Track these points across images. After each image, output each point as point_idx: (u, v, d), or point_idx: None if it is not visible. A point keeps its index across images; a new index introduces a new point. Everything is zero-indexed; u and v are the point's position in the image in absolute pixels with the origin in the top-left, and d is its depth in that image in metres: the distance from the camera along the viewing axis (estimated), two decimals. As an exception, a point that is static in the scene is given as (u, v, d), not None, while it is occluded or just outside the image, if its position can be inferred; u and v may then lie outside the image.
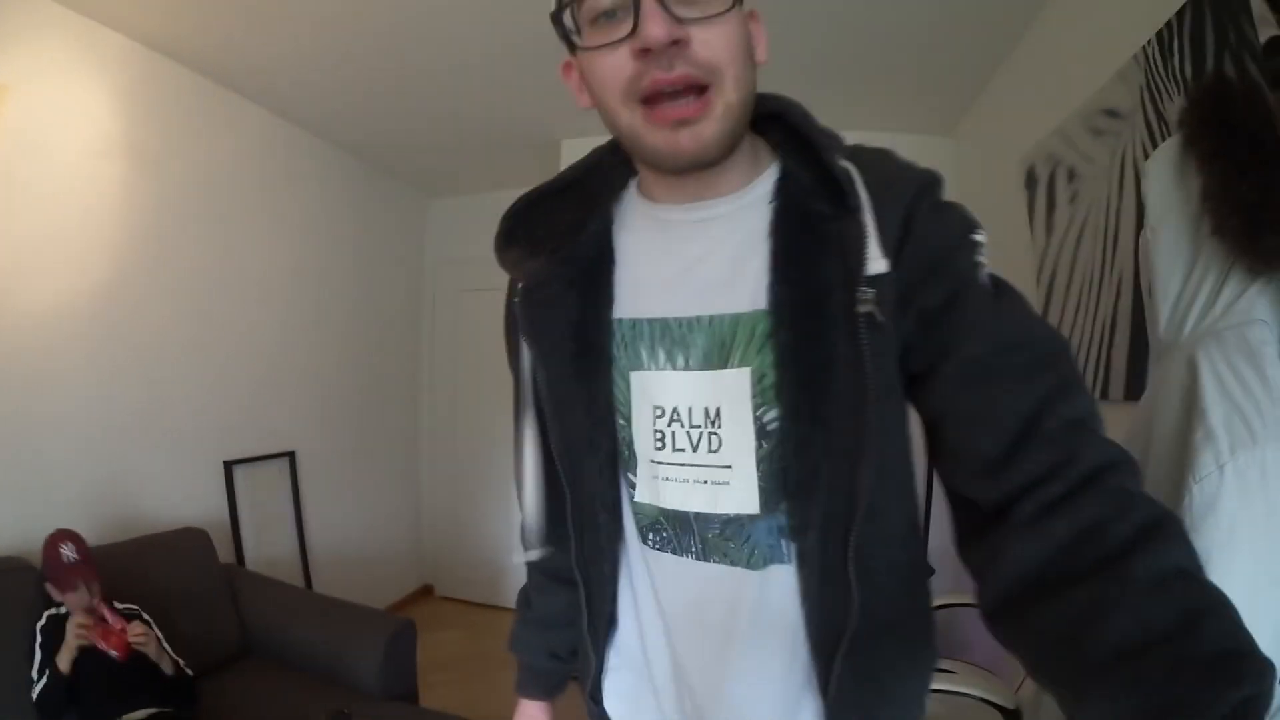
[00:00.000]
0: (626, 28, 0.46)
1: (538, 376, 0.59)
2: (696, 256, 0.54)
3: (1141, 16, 1.42)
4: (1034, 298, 2.00)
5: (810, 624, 0.51)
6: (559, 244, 0.58)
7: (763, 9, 0.56)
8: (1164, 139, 1.12)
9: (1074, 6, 1.77)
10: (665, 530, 0.55)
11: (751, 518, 0.51)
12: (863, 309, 0.47)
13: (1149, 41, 1.40)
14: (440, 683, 2.61)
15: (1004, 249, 2.31)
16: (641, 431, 0.55)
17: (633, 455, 0.56)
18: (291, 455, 2.71)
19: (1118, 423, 1.00)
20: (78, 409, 1.89)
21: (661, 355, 0.54)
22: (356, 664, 1.78)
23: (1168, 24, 1.33)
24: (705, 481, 0.52)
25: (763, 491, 0.51)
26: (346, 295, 3.09)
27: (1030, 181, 2.01)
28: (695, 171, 0.51)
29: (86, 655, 1.42)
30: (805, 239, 0.50)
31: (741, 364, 0.51)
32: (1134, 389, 1.46)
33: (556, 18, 0.50)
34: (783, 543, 0.52)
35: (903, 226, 0.49)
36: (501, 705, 2.69)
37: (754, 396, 0.51)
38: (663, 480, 0.54)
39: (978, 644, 2.31)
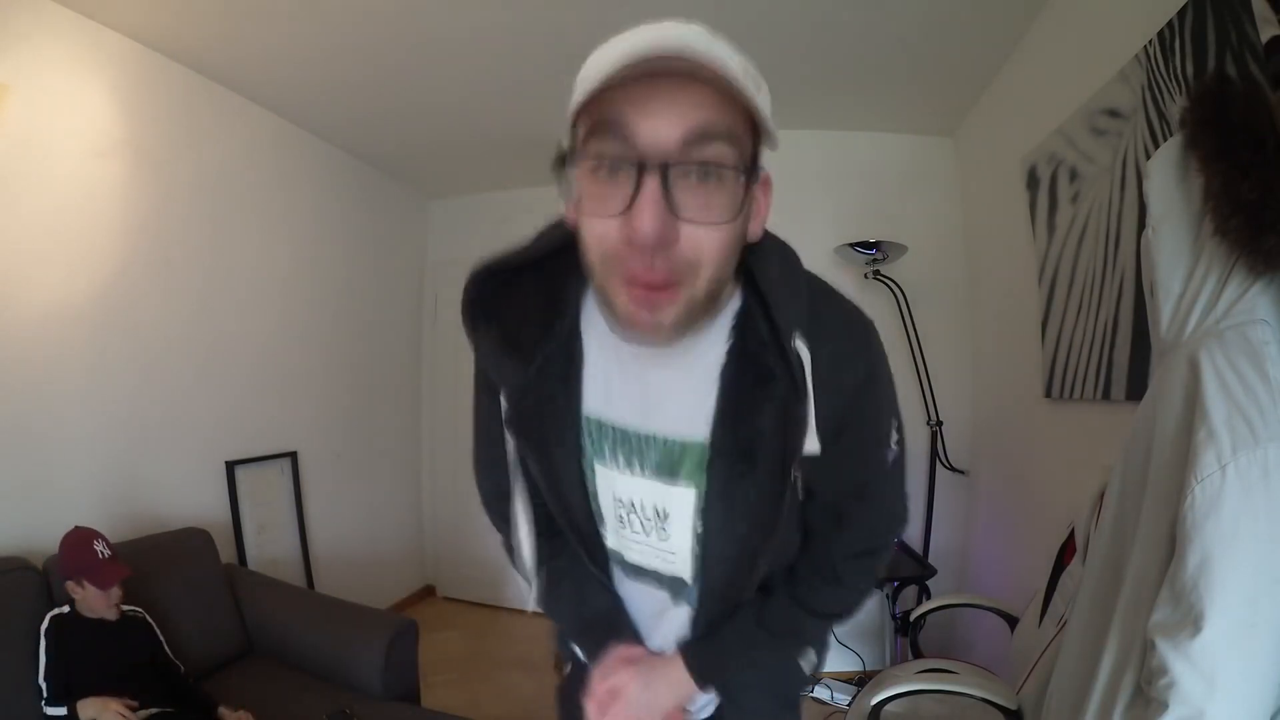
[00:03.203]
0: (623, 194, 0.46)
1: (522, 450, 0.67)
2: (657, 383, 0.61)
3: (1143, 16, 1.42)
4: (1035, 298, 2.01)
5: (694, 630, 0.71)
6: (532, 349, 0.61)
7: (764, 9, 0.57)
8: (1165, 139, 1.13)
9: (1075, 6, 1.77)
10: (627, 567, 0.72)
11: (687, 583, 0.68)
12: (792, 478, 0.58)
13: (1150, 41, 1.40)
14: (442, 683, 2.61)
15: (1005, 249, 2.31)
16: (606, 509, 0.68)
17: (602, 518, 0.69)
18: (293, 455, 2.72)
19: (1119, 423, 1.00)
20: (79, 409, 1.89)
21: (621, 459, 0.64)
22: (358, 664, 1.78)
23: (1169, 24, 1.33)
24: (658, 554, 0.68)
25: (695, 570, 0.67)
26: (348, 295, 3.10)
27: (1032, 181, 2.01)
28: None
29: (79, 640, 1.43)
30: (750, 390, 0.58)
31: (688, 482, 0.62)
32: (1136, 389, 1.46)
33: (562, 162, 0.51)
34: (696, 598, 0.69)
35: (841, 414, 0.58)
36: (503, 706, 2.70)
37: (696, 508, 0.62)
38: (627, 543, 0.69)
39: (978, 644, 2.31)
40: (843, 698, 2.43)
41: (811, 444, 0.55)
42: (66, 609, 1.47)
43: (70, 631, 1.44)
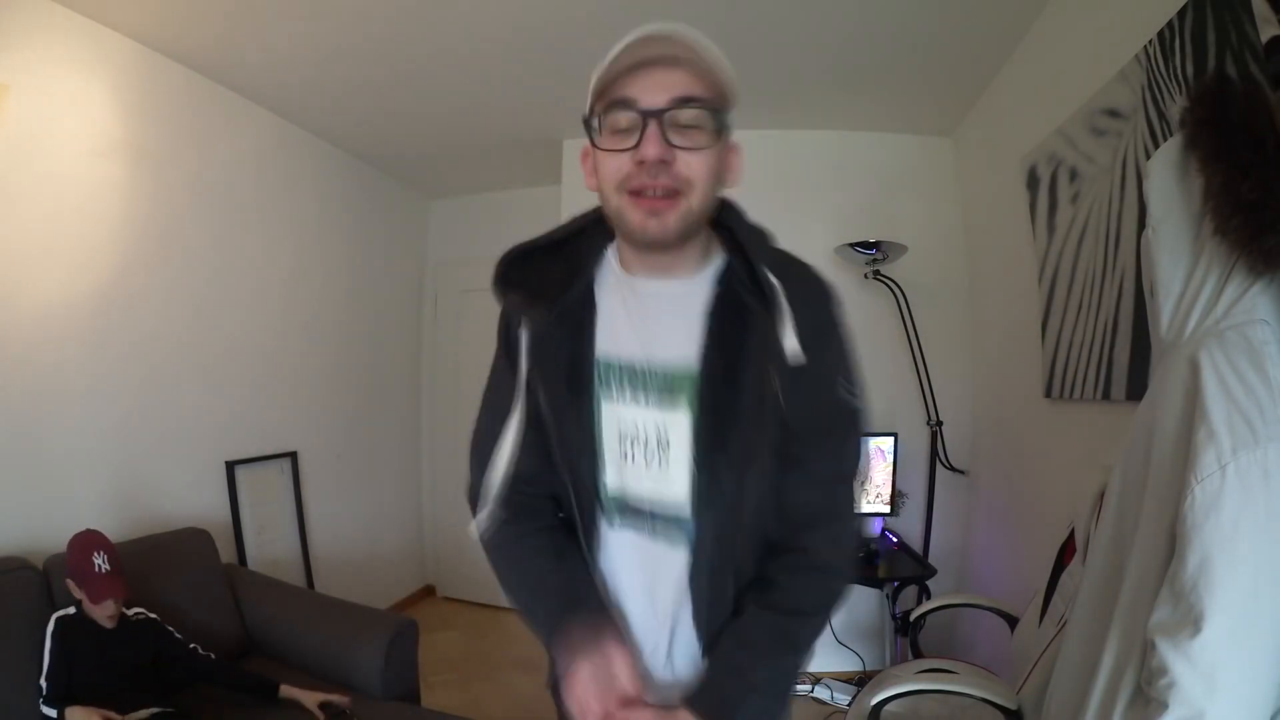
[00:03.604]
0: (633, 141, 0.64)
1: (537, 391, 0.75)
2: (657, 319, 0.73)
3: (1143, 16, 1.42)
4: (1035, 298, 2.01)
5: (693, 584, 0.73)
6: (554, 300, 0.74)
7: (765, 9, 0.60)
8: (1165, 139, 1.13)
9: (1075, 6, 1.77)
10: (629, 515, 0.75)
11: (684, 519, 0.72)
12: (773, 389, 0.67)
13: (1150, 41, 1.40)
14: (441, 683, 2.62)
15: (1005, 249, 2.31)
16: (610, 447, 0.74)
17: (605, 460, 0.75)
18: (293, 455, 2.72)
19: (1119, 423, 1.00)
20: (79, 409, 1.89)
21: (628, 391, 0.73)
22: (358, 664, 1.78)
23: (1169, 24, 1.33)
24: (657, 487, 0.72)
25: (693, 499, 0.71)
26: (348, 295, 3.10)
27: (1032, 181, 2.01)
28: (657, 250, 0.70)
29: (84, 642, 1.43)
30: (735, 321, 0.70)
31: (686, 407, 0.70)
32: (1136, 389, 1.46)
33: (587, 122, 0.68)
34: (694, 535, 0.72)
35: (806, 340, 0.66)
36: (503, 706, 2.70)
37: (692, 431, 0.70)
38: (628, 479, 0.74)
39: (978, 644, 2.31)
40: (843, 698, 2.43)
41: (791, 343, 0.65)
42: (73, 610, 1.47)
43: (74, 634, 1.44)
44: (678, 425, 0.71)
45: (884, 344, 2.65)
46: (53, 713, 1.36)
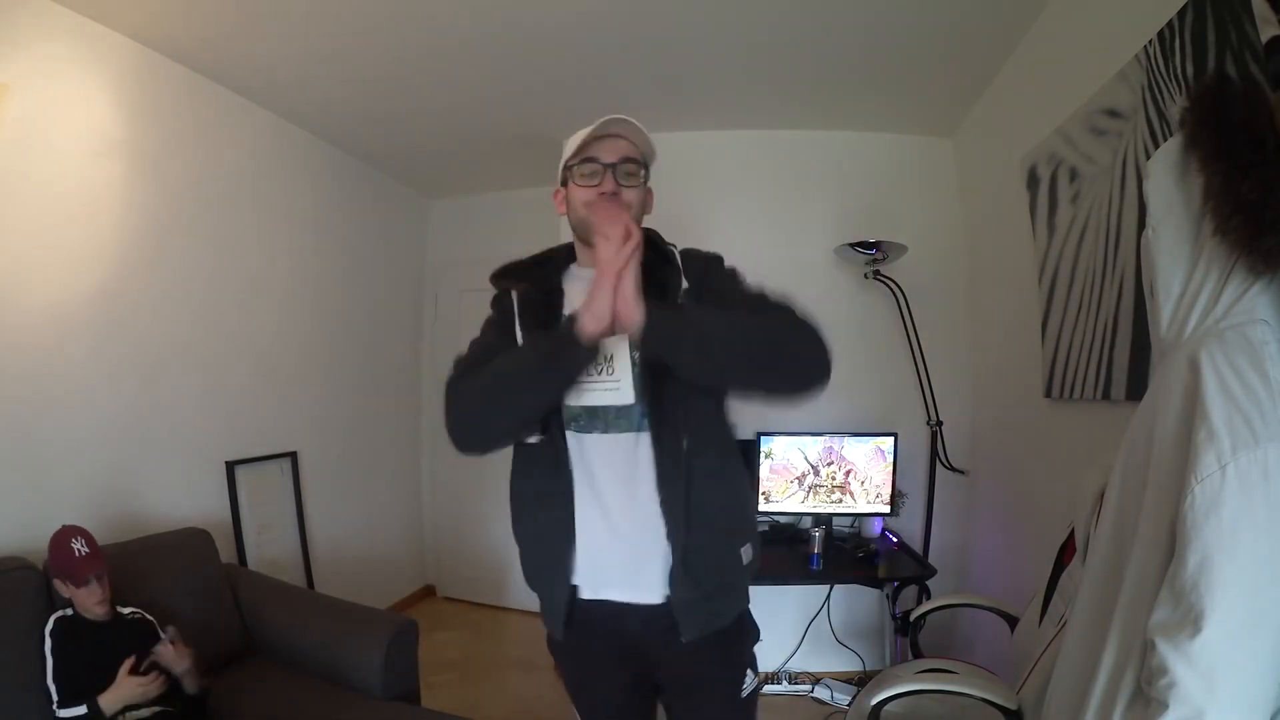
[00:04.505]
0: (597, 181, 1.03)
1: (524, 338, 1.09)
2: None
3: (1143, 16, 1.42)
4: (1035, 297, 2.01)
5: (656, 461, 1.02)
6: (535, 285, 1.12)
7: (765, 10, 0.59)
8: (1165, 139, 1.13)
9: (1075, 6, 1.77)
10: (584, 419, 1.04)
11: (630, 406, 1.03)
12: (680, 301, 1.04)
13: (1150, 41, 1.40)
14: (442, 683, 2.61)
15: (1005, 249, 2.31)
16: None
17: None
18: (293, 455, 2.72)
19: (1119, 423, 0.99)
20: (79, 409, 1.89)
21: None
22: (358, 664, 1.78)
23: (1169, 24, 1.33)
24: (607, 390, 1.03)
25: (635, 391, 1.02)
26: (348, 295, 3.10)
27: (1032, 181, 2.01)
28: None
29: (83, 642, 1.44)
30: (655, 280, 1.02)
31: (622, 333, 0.99)
32: (1136, 389, 1.46)
33: (568, 166, 1.06)
34: (644, 420, 1.02)
35: (703, 277, 1.08)
36: (503, 706, 2.70)
37: (630, 347, 1.02)
38: (588, 391, 1.03)
39: (978, 644, 2.31)
40: (843, 698, 2.43)
41: (684, 280, 1.07)
42: (70, 611, 1.47)
43: (73, 633, 1.44)
44: (619, 344, 1.02)
45: (884, 344, 2.65)
46: (79, 710, 1.36)
